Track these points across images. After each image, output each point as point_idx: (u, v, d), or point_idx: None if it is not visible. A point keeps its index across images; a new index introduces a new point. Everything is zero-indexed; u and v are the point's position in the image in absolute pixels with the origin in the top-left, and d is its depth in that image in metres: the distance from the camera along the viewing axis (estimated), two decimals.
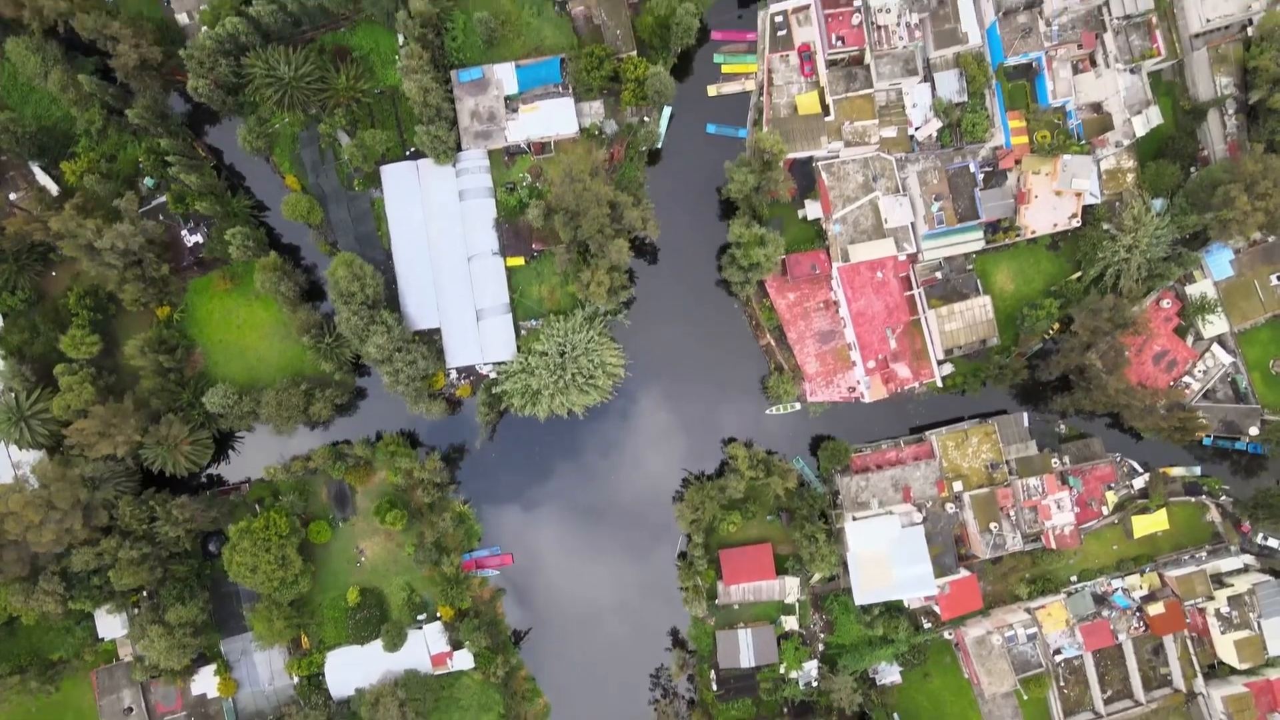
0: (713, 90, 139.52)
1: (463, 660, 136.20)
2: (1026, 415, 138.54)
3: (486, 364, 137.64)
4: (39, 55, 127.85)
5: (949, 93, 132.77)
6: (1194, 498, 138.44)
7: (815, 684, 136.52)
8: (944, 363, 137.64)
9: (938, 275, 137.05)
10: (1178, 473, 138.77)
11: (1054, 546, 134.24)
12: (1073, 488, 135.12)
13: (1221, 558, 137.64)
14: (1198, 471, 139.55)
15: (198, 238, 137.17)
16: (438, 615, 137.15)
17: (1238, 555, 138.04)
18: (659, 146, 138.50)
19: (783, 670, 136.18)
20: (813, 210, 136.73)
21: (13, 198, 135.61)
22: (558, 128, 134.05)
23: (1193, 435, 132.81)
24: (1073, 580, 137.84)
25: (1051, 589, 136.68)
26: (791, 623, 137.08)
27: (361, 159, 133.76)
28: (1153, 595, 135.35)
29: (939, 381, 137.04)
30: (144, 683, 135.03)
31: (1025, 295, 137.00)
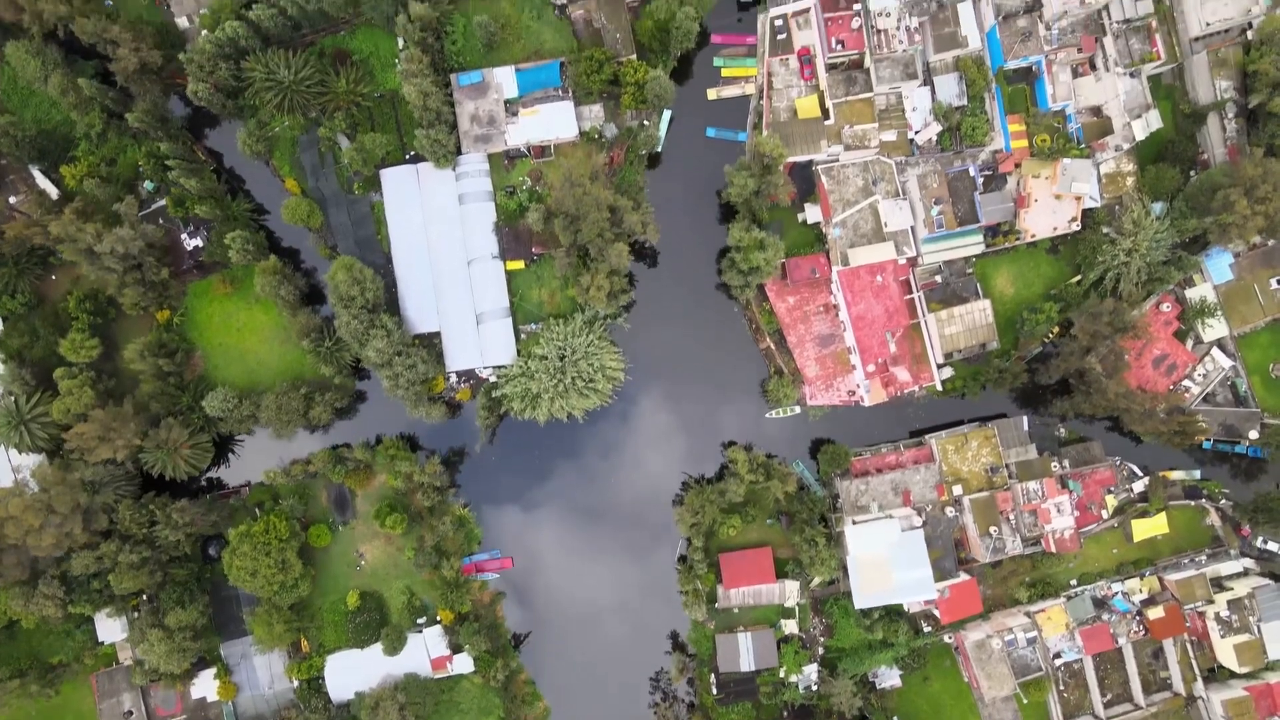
0: (712, 94, 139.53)
1: (463, 664, 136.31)
2: (1026, 419, 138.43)
3: (486, 368, 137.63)
4: (39, 59, 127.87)
5: (949, 96, 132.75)
6: (1194, 501, 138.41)
7: (815, 688, 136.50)
8: (944, 366, 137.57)
9: (937, 279, 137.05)
10: (1177, 476, 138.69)
11: (1054, 550, 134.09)
12: (1072, 491, 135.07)
13: (1221, 561, 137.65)
14: (1197, 475, 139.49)
15: (198, 241, 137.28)
16: (437, 619, 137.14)
17: (1237, 559, 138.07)
18: (659, 150, 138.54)
19: (783, 674, 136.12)
20: (812, 214, 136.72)
21: (13, 201, 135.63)
22: (557, 131, 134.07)
23: (1192, 439, 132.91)
24: (1072, 584, 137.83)
25: (1051, 593, 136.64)
26: (791, 626, 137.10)
27: (361, 162, 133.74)
28: (1152, 599, 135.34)
29: (939, 385, 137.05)
30: (144, 686, 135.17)
31: (1025, 299, 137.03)
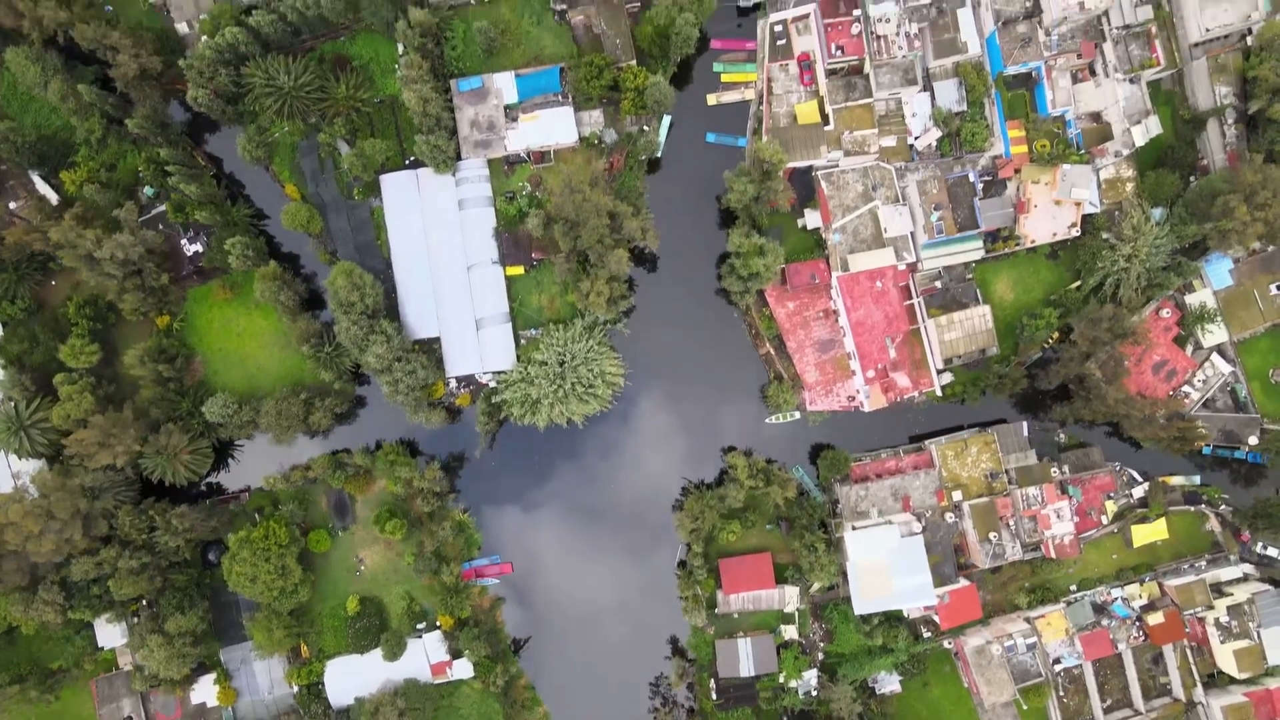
0: (712, 99, 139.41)
1: (462, 669, 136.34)
2: (1026, 424, 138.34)
3: (486, 373, 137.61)
4: (39, 65, 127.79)
5: (948, 102, 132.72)
6: (1193, 507, 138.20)
7: (815, 693, 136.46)
8: (943, 372, 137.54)
9: (937, 284, 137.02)
10: (1177, 482, 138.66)
11: (1053, 556, 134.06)
12: (1072, 497, 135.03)
13: (1221, 567, 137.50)
14: (1197, 481, 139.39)
15: (197, 247, 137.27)
16: (437, 624, 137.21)
17: (1237, 564, 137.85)
18: (658, 155, 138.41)
19: (782, 679, 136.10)
20: (812, 219, 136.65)
21: (12, 207, 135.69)
22: (557, 137, 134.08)
23: (1192, 445, 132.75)
24: (1072, 589, 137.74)
25: (1051, 598, 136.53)
26: (791, 632, 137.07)
27: (361, 168, 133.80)
28: (1152, 604, 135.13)
29: (938, 391, 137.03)
30: (143, 692, 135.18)
31: (1025, 304, 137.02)
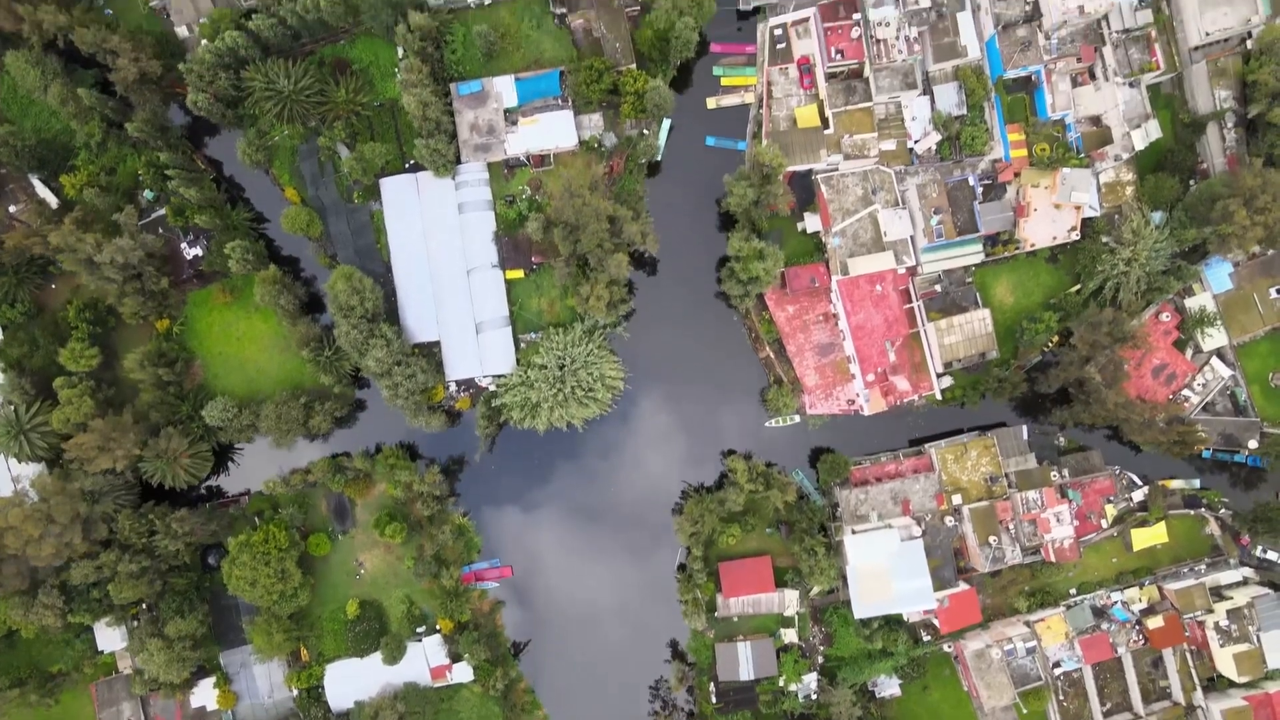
0: (712, 103, 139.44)
1: (462, 673, 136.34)
2: (1025, 428, 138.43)
3: (486, 377, 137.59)
4: (39, 69, 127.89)
5: (948, 106, 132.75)
6: (1193, 511, 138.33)
7: (814, 697, 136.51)
8: (943, 375, 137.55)
9: (937, 288, 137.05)
10: (1177, 485, 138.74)
11: (1053, 559, 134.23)
12: (1072, 501, 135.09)
13: (1221, 571, 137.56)
14: (1197, 484, 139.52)
15: (197, 251, 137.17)
16: (437, 628, 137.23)
17: (1237, 568, 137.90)
18: (658, 159, 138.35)
19: (782, 683, 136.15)
20: (812, 223, 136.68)
21: (12, 210, 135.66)
22: (557, 140, 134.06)
23: (1192, 448, 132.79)
24: (1072, 593, 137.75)
25: (1051, 602, 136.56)
26: (791, 635, 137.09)
27: (361, 172, 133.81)
28: (1152, 608, 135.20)
29: (938, 394, 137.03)
30: (143, 696, 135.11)
31: (1024, 308, 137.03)
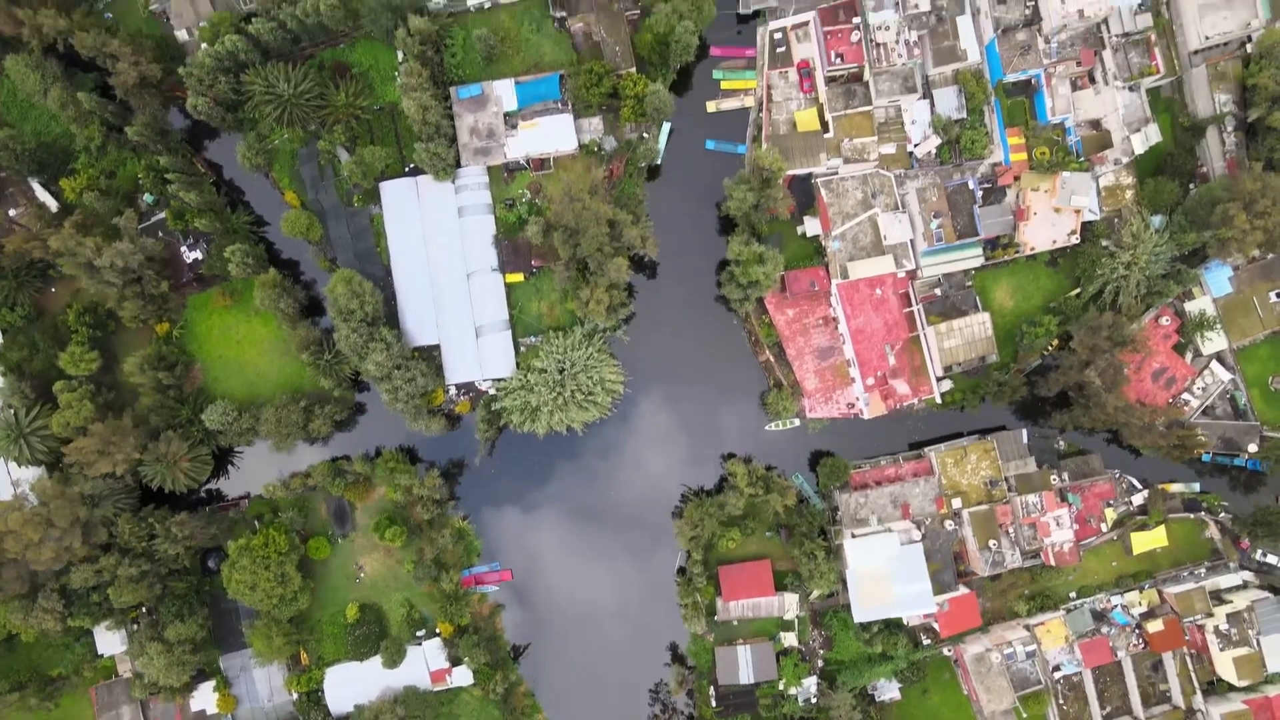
0: (712, 106, 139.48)
1: (462, 676, 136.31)
2: (1025, 432, 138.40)
3: (485, 380, 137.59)
4: (38, 72, 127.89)
5: (948, 109, 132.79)
6: (1193, 514, 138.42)
7: (814, 700, 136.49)
8: (943, 379, 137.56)
9: (937, 292, 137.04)
10: (1177, 489, 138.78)
11: (1053, 563, 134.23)
12: (1072, 504, 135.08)
13: (1220, 574, 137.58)
14: (1197, 488, 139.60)
15: (197, 254, 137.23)
16: (437, 631, 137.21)
17: (1237, 572, 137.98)
18: (658, 163, 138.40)
19: (782, 686, 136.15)
20: (812, 227, 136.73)
21: (12, 214, 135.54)
22: (557, 144, 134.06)
23: (1191, 452, 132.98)
24: (1072, 597, 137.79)
25: (1050, 606, 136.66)
26: (791, 639, 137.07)
27: (361, 175, 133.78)
28: (1152, 612, 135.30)
29: (938, 398, 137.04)
30: (143, 699, 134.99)
31: (1024, 312, 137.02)
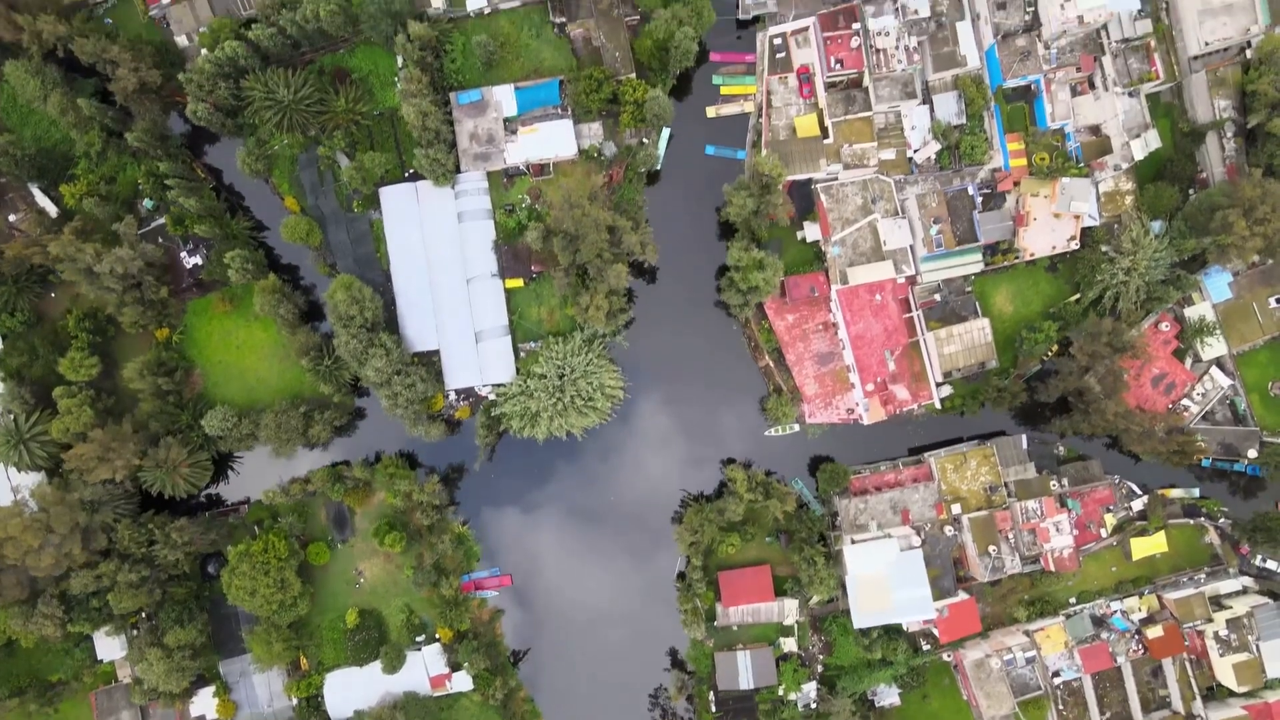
0: (711, 112, 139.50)
1: (462, 682, 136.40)
2: (1025, 437, 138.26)
3: (485, 386, 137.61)
4: (38, 78, 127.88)
5: (948, 115, 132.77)
6: (1193, 520, 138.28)
7: (814, 706, 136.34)
8: (942, 385, 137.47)
9: (936, 297, 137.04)
10: (1176, 495, 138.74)
11: (1053, 569, 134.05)
12: (1071, 510, 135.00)
13: (1220, 580, 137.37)
14: (1196, 493, 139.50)
15: (197, 260, 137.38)
16: (436, 637, 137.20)
17: (1236, 577, 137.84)
18: (658, 168, 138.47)
19: (781, 692, 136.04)
20: (811, 232, 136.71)
21: (12, 219, 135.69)
22: (557, 150, 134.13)
23: (1191, 458, 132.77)
24: (1071, 602, 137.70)
25: (1050, 611, 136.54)
26: (790, 644, 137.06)
27: (360, 181, 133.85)
28: (1151, 618, 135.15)
29: (938, 403, 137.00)
30: (143, 705, 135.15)
31: (1024, 317, 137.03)
